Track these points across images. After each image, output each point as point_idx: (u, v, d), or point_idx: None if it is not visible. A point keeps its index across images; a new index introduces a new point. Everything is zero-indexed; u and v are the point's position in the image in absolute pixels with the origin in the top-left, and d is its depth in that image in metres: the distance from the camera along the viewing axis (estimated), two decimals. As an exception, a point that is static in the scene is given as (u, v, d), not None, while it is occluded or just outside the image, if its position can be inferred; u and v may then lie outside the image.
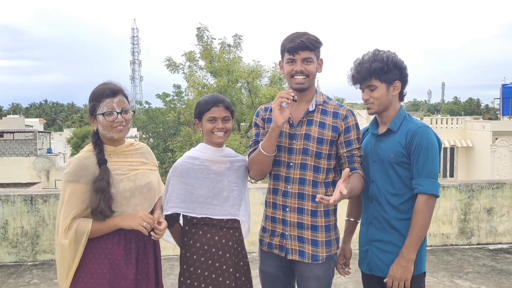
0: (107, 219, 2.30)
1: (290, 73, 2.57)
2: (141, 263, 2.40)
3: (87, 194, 2.27)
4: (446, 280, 4.93)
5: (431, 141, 2.45)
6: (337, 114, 2.61)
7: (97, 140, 2.39)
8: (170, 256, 5.49)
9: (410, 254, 2.42)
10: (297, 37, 2.53)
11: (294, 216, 2.60)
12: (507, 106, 27.08)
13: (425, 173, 2.43)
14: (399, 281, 2.43)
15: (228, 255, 2.55)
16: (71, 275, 2.28)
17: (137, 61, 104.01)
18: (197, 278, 2.51)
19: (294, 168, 2.60)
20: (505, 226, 6.31)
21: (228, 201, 2.58)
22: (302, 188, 2.59)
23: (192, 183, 2.54)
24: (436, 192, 2.44)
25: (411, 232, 2.43)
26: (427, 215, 2.42)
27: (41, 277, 5.08)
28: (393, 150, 2.51)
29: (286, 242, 2.62)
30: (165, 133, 25.67)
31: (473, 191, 6.24)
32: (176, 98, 24.12)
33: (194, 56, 18.31)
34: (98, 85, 2.44)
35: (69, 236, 2.24)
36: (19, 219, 5.55)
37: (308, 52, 2.53)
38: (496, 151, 23.86)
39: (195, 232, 2.56)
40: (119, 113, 2.36)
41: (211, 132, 2.57)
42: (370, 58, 2.54)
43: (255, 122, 2.78)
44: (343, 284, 4.75)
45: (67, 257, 2.26)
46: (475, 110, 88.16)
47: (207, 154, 2.60)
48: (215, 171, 2.59)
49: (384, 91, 2.54)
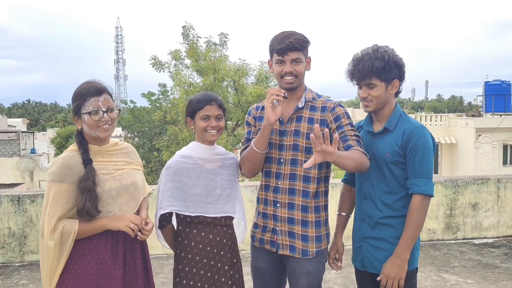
0: (94, 220, 2.27)
1: (280, 74, 2.61)
2: (129, 264, 2.38)
3: (72, 194, 2.24)
4: (433, 275, 5.00)
5: (427, 142, 2.46)
6: (325, 107, 2.65)
7: (81, 139, 2.36)
8: (159, 255, 5.48)
9: (404, 253, 2.44)
10: (285, 38, 2.55)
11: (285, 211, 2.63)
12: (490, 103, 27.46)
13: (420, 174, 2.44)
14: (394, 280, 2.45)
15: (223, 253, 2.57)
16: (56, 277, 2.24)
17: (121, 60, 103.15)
18: (193, 278, 2.51)
19: (285, 164, 2.64)
20: (490, 221, 6.42)
21: (221, 199, 2.60)
22: (293, 183, 2.62)
23: (186, 181, 2.54)
24: (431, 192, 2.46)
25: (405, 232, 2.45)
26: (421, 214, 2.44)
27: (29, 277, 5.04)
28: (389, 150, 2.52)
29: (277, 237, 2.65)
30: (151, 132, 25.53)
31: (459, 186, 6.34)
32: (161, 97, 23.98)
33: (180, 54, 18.20)
34: (82, 84, 2.40)
35: (55, 237, 2.20)
36: (6, 219, 5.49)
37: (297, 52, 2.56)
38: (480, 148, 24.18)
39: (189, 231, 2.57)
40: (104, 112, 2.34)
41: (204, 130, 2.58)
42: (371, 56, 2.50)
43: (246, 120, 2.85)
44: (332, 279, 4.80)
45: (52, 258, 2.22)
46: (458, 107, 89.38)
47: (199, 152, 2.61)
48: (208, 169, 2.60)
49: (383, 89, 2.52)
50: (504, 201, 6.46)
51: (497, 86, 27.76)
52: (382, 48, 2.54)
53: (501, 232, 6.45)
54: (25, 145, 32.14)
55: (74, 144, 2.39)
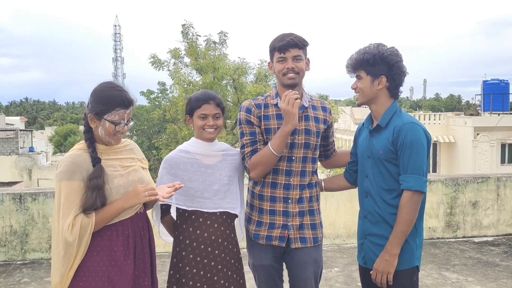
0: (108, 206, 2.27)
1: (282, 71, 2.66)
2: (139, 259, 2.41)
3: (83, 190, 2.26)
4: (434, 273, 5.03)
5: (416, 137, 2.45)
6: (325, 108, 2.87)
7: (90, 137, 2.37)
8: (161, 253, 5.50)
9: (393, 248, 2.46)
10: (286, 36, 2.66)
11: (295, 206, 2.71)
12: (488, 102, 27.54)
13: (410, 169, 2.45)
14: (382, 274, 2.49)
15: (217, 252, 2.58)
16: (72, 271, 2.26)
17: (120, 58, 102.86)
18: (185, 275, 2.55)
19: (296, 161, 2.71)
20: (490, 219, 6.45)
21: (218, 194, 2.61)
22: (304, 179, 2.73)
23: (182, 175, 2.57)
24: (421, 188, 2.44)
25: (395, 228, 2.47)
26: (411, 211, 2.44)
27: (31, 276, 5.05)
28: (383, 147, 2.54)
29: (289, 232, 2.69)
30: (150, 131, 25.50)
31: (459, 185, 6.36)
32: (161, 96, 23.97)
33: (179, 53, 18.18)
34: (112, 87, 2.38)
35: (74, 233, 2.20)
36: (8, 217, 5.50)
37: (298, 50, 2.65)
38: (478, 146, 24.26)
39: (185, 228, 2.59)
40: (125, 124, 2.38)
41: (202, 129, 2.61)
42: (364, 50, 2.58)
43: (247, 119, 2.72)
44: (334, 277, 4.81)
45: (70, 254, 2.23)
46: (456, 106, 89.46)
47: (198, 148, 2.64)
48: (206, 164, 2.62)
49: (367, 83, 2.57)
50: (504, 200, 6.49)
51: (495, 85, 27.85)
52: (381, 45, 2.59)
53: (501, 231, 6.48)
54: (23, 144, 32.15)
55: (80, 143, 2.40)
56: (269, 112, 2.72)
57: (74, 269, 2.26)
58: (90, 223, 2.23)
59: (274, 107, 2.73)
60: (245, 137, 2.73)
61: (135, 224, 2.41)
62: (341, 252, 5.79)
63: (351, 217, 6.01)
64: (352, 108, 30.68)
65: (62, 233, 2.22)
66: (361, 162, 2.70)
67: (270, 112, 2.72)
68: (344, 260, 5.46)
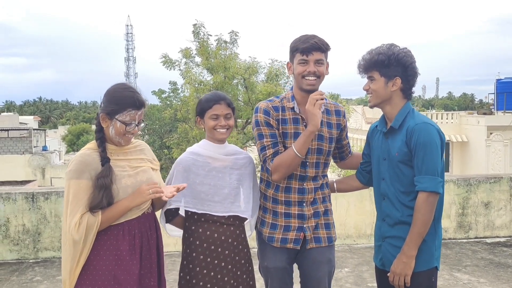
0: (114, 206, 2.29)
1: (302, 73, 2.62)
2: (145, 259, 2.42)
3: (91, 189, 2.28)
4: (446, 273, 4.99)
5: (429, 137, 2.43)
6: (339, 112, 2.83)
7: (101, 137, 2.40)
8: (172, 252, 5.52)
9: (410, 250, 2.45)
10: (310, 38, 2.60)
11: (310, 208, 2.72)
12: (501, 101, 27.20)
13: (424, 170, 2.43)
14: (399, 276, 2.47)
15: (227, 252, 2.59)
16: (78, 269, 2.29)
17: (132, 57, 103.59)
18: (196, 276, 2.56)
19: (310, 167, 2.71)
20: (502, 220, 6.38)
21: (228, 198, 2.61)
22: (317, 183, 2.75)
23: (193, 178, 2.58)
24: (436, 189, 2.42)
25: (412, 229, 2.45)
26: (427, 212, 2.43)
27: (44, 274, 5.10)
28: (398, 149, 2.52)
29: (305, 234, 2.70)
30: (161, 130, 25.61)
31: (471, 185, 6.30)
32: (172, 95, 24.05)
33: (191, 52, 18.25)
34: (124, 88, 2.41)
35: (80, 232, 2.23)
36: (21, 216, 5.56)
37: (320, 53, 2.61)
38: (491, 146, 23.98)
39: (195, 229, 2.60)
40: (136, 125, 2.39)
41: (214, 129, 2.61)
42: (377, 50, 2.55)
43: (266, 121, 2.66)
44: (344, 278, 4.80)
45: (76, 252, 2.26)
46: (469, 105, 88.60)
47: (209, 151, 2.64)
48: (217, 168, 2.62)
49: (381, 84, 2.54)
50: (517, 200, 6.41)
51: (509, 84, 27.46)
52: (394, 46, 2.56)
53: (513, 231, 6.40)
54: (37, 143, 32.48)
55: (91, 142, 2.43)
56: (286, 116, 2.69)
57: (80, 266, 2.29)
58: (96, 222, 2.25)
59: (291, 111, 2.69)
60: (265, 139, 2.66)
61: (142, 224, 2.43)
62: (352, 252, 5.77)
63: (362, 217, 5.99)
64: (363, 107, 30.53)
65: (69, 231, 2.25)
66: (376, 165, 2.68)
67: (287, 116, 2.69)
68: (355, 260, 5.44)
